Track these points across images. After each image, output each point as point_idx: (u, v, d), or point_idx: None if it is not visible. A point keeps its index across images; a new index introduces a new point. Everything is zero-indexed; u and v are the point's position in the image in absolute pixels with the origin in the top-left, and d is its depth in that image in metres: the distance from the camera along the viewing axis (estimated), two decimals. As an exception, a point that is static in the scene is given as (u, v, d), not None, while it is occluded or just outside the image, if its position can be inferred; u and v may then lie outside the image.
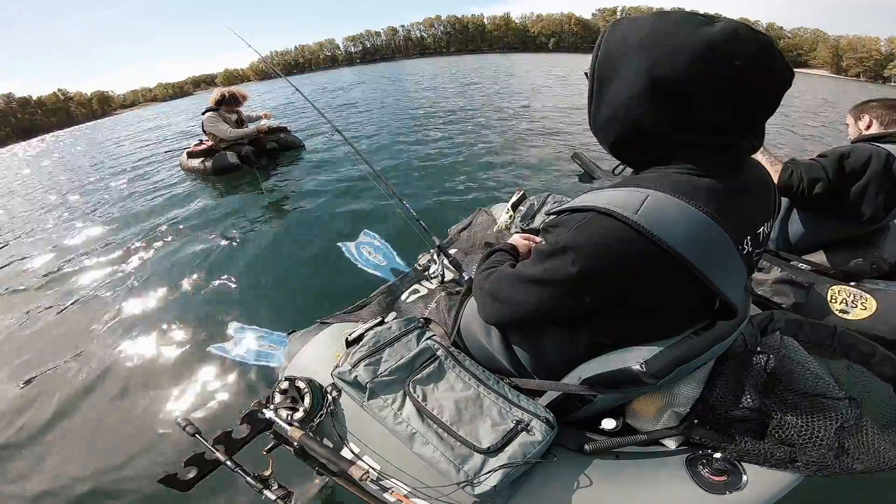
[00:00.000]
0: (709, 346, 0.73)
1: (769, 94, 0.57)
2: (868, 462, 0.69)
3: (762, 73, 0.55)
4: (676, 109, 0.58)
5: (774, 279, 1.48)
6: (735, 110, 0.57)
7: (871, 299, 1.36)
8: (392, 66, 39.76)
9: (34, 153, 14.58)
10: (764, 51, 0.54)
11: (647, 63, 0.57)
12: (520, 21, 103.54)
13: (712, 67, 0.54)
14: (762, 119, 0.61)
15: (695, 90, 0.56)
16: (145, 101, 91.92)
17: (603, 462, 0.80)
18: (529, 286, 0.70)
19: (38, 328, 2.34)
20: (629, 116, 0.62)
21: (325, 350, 1.12)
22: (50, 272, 3.08)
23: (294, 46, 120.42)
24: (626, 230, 0.58)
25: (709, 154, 0.62)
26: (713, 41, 0.53)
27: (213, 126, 4.41)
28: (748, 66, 0.53)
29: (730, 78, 0.54)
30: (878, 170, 1.33)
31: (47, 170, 8.86)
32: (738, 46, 0.53)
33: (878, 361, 0.82)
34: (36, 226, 4.43)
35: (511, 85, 12.76)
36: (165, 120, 15.30)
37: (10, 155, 15.71)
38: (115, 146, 10.36)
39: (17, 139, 50.48)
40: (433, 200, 3.47)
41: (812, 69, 62.01)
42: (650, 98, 0.59)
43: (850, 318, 1.36)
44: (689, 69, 0.54)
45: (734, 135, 0.60)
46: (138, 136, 11.65)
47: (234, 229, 3.31)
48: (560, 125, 6.25)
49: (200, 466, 0.96)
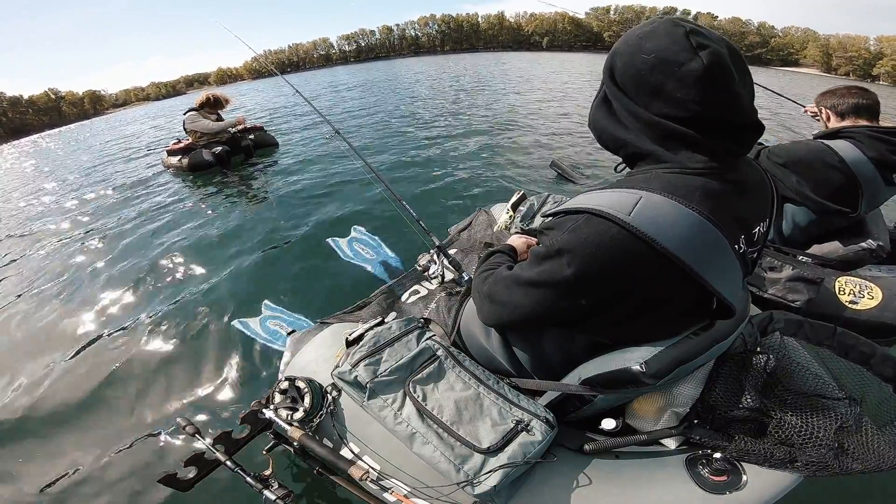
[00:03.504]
0: (708, 347, 0.73)
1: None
2: (867, 462, 0.69)
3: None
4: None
5: (788, 277, 1.49)
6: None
7: (876, 288, 1.37)
8: (387, 65, 39.79)
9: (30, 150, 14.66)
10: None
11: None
12: (513, 20, 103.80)
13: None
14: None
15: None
16: (138, 100, 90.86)
17: (603, 462, 0.80)
18: (526, 289, 0.70)
19: (26, 324, 2.34)
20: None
21: (325, 350, 1.12)
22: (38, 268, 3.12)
23: (288, 45, 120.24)
24: (621, 232, 0.58)
25: (696, 153, 0.62)
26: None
27: (192, 123, 4.74)
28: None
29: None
30: (809, 167, 1.42)
31: (40, 168, 8.92)
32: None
33: (877, 362, 0.82)
34: (36, 222, 4.52)
35: (509, 83, 12.77)
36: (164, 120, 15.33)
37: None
38: (107, 143, 10.41)
39: (8, 139, 50.49)
40: (433, 200, 3.48)
41: (802, 67, 62.15)
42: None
43: (859, 308, 1.37)
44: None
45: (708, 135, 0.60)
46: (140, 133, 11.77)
47: (210, 226, 3.39)
48: (561, 125, 6.26)
49: (200, 466, 0.96)
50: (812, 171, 1.43)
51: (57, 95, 79.21)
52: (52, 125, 61.19)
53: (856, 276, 1.43)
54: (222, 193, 4.20)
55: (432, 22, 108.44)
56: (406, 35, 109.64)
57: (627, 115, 0.65)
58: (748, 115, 0.60)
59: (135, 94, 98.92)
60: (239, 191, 4.22)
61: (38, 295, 2.74)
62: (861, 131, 1.42)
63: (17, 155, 13.84)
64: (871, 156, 1.37)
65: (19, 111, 71.90)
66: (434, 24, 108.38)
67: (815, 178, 1.43)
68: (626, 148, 0.69)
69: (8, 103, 71.05)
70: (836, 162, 1.38)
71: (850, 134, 1.44)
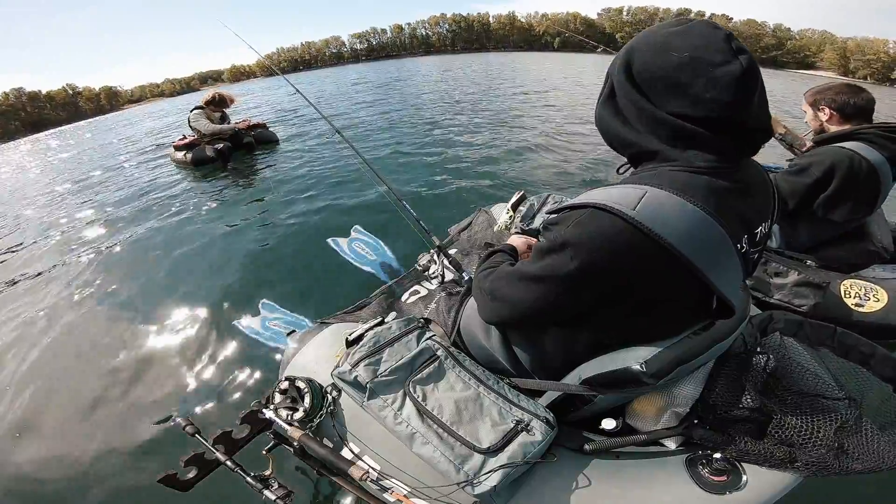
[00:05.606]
0: (709, 346, 0.73)
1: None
2: (868, 462, 0.69)
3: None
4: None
5: (794, 282, 1.49)
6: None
7: (882, 290, 1.37)
8: (397, 64, 39.79)
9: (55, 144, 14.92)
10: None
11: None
12: (525, 20, 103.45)
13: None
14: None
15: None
16: (152, 96, 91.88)
17: (603, 462, 0.80)
18: (529, 283, 0.70)
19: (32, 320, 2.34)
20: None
21: (325, 350, 1.12)
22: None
23: (300, 43, 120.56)
24: (625, 226, 0.58)
25: (705, 152, 0.62)
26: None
27: (196, 122, 4.99)
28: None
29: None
30: (843, 176, 1.36)
31: (63, 161, 9.18)
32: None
33: (877, 362, 0.82)
34: (46, 215, 4.68)
35: (514, 83, 12.76)
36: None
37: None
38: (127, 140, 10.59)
39: (26, 133, 50.88)
40: (433, 200, 3.48)
41: (819, 70, 61.47)
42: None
43: (865, 310, 1.36)
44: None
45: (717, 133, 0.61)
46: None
47: (210, 224, 3.43)
48: (562, 125, 6.25)
49: (200, 466, 0.96)
50: (844, 182, 1.37)
51: (74, 91, 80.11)
52: (68, 120, 62.02)
53: (861, 278, 1.42)
54: (222, 190, 4.29)
55: (443, 21, 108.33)
56: (417, 34, 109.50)
57: (636, 112, 0.65)
58: (762, 119, 0.61)
59: (150, 90, 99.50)
60: (238, 188, 4.30)
61: (31, 289, 2.76)
62: (873, 132, 1.39)
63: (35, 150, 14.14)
64: (886, 156, 1.36)
65: (37, 106, 72.70)
66: (445, 24, 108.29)
67: (848, 188, 1.37)
68: (632, 147, 0.69)
69: (27, 98, 71.94)
70: (865, 167, 1.34)
71: (863, 135, 1.40)
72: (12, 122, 67.63)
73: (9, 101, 68.93)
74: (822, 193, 1.42)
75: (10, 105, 69.42)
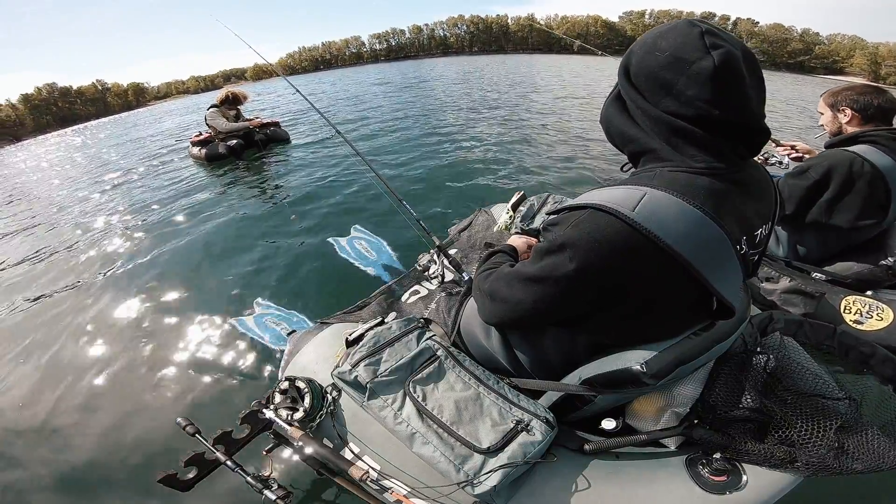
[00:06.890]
0: (709, 347, 0.73)
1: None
2: (868, 462, 0.69)
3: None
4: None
5: (783, 289, 1.46)
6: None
7: (888, 310, 1.32)
8: (415, 65, 39.64)
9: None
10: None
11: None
12: (544, 22, 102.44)
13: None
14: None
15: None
16: (178, 93, 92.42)
17: (603, 462, 0.80)
18: (528, 284, 0.70)
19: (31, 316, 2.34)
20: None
21: (325, 350, 1.12)
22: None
23: (321, 42, 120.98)
24: (624, 227, 0.58)
25: (703, 152, 0.62)
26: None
27: (212, 119, 5.20)
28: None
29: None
30: (842, 178, 1.33)
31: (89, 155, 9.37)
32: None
33: (877, 362, 0.82)
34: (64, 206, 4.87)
35: (519, 84, 12.74)
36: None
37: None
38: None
39: (57, 126, 51.37)
40: (433, 200, 3.47)
41: (848, 76, 59.80)
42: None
43: (863, 328, 1.32)
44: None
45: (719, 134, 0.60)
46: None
47: (214, 221, 3.45)
48: (565, 126, 6.25)
49: (200, 466, 0.96)
50: (843, 184, 1.33)
51: (103, 86, 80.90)
52: (97, 115, 62.98)
53: (870, 297, 1.37)
54: (233, 185, 4.45)
55: (461, 23, 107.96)
56: (435, 35, 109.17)
57: (638, 112, 0.66)
58: (755, 118, 0.60)
59: (175, 86, 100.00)
60: (247, 185, 4.43)
61: (26, 282, 2.77)
62: (883, 135, 1.35)
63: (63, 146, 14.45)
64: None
65: (68, 101, 73.82)
66: (463, 25, 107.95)
67: (846, 191, 1.34)
68: (632, 144, 0.70)
69: (59, 93, 73.16)
70: (867, 169, 1.30)
71: (871, 138, 1.36)
72: (44, 116, 68.96)
73: (41, 96, 70.12)
74: (822, 197, 1.39)
75: (43, 100, 70.65)
